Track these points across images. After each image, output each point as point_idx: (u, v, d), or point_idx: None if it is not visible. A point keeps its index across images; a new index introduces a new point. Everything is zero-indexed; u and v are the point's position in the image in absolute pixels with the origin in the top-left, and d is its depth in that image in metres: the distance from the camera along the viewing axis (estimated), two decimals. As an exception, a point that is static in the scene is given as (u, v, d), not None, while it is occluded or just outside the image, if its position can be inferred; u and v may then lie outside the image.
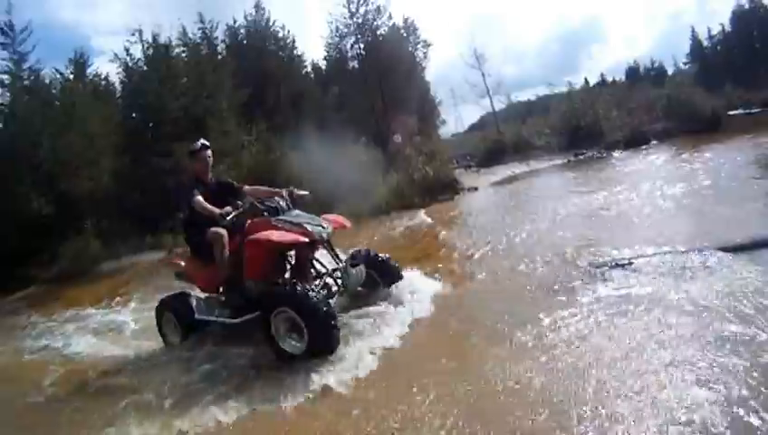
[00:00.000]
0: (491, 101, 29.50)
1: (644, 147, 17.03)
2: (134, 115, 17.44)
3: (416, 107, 23.95)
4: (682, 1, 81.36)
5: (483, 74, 28.60)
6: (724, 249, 4.12)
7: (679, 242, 4.63)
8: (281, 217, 3.95)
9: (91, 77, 19.42)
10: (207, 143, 4.54)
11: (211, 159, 4.50)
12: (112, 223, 14.17)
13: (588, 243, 5.36)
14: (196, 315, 4.43)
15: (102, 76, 20.02)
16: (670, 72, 41.02)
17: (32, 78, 17.06)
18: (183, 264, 4.67)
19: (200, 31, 23.62)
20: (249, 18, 24.86)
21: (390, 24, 25.63)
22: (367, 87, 22.42)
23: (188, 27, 22.09)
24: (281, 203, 4.09)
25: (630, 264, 4.27)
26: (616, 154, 16.70)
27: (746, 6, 37.13)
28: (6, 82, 16.45)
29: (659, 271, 4.00)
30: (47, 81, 17.55)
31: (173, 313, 4.61)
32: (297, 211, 4.09)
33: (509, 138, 23.43)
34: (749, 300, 3.16)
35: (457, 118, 68.99)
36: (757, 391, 2.25)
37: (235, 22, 25.00)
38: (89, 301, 8.45)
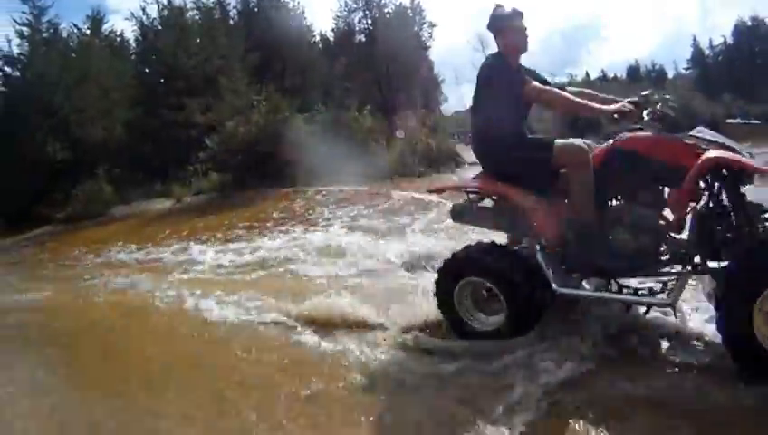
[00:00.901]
0: (494, 84, 29.91)
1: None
2: (147, 70, 17.89)
3: (419, 82, 24.42)
4: (684, 13, 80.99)
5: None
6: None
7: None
8: (693, 135, 2.48)
9: (106, 33, 19.74)
10: (520, 10, 2.84)
11: (528, 33, 2.87)
12: (124, 171, 14.68)
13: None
14: (557, 287, 2.48)
15: (118, 33, 20.36)
16: (671, 75, 41.41)
17: (50, 31, 17.36)
18: (500, 192, 2.72)
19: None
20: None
21: (397, 3, 26.14)
22: (373, 60, 22.91)
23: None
24: (670, 113, 2.62)
25: None
26: (615, 144, 17.08)
27: (749, 23, 37.63)
28: (26, 33, 16.68)
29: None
30: (65, 35, 17.92)
31: (494, 279, 2.59)
32: (701, 127, 2.61)
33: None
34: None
35: (460, 97, 69.17)
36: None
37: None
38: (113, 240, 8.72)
